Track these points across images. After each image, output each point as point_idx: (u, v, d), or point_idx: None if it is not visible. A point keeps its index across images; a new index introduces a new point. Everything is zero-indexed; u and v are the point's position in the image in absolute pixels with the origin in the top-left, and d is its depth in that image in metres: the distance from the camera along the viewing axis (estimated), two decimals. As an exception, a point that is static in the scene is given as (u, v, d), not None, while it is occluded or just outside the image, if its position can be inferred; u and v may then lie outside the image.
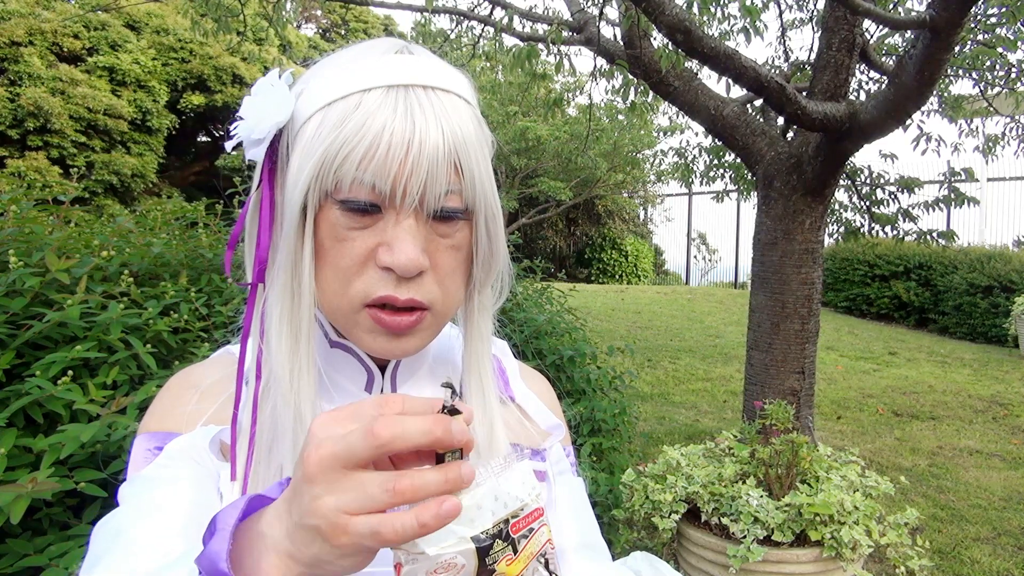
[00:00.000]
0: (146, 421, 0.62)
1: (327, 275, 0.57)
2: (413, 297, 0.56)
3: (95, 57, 11.89)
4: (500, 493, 0.45)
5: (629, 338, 7.58)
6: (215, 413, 0.61)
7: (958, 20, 2.45)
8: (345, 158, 0.53)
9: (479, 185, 0.58)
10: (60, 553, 1.24)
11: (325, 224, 0.56)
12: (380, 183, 0.54)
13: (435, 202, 0.55)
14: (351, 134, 0.54)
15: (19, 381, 1.42)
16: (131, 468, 0.59)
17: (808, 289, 3.47)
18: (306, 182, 0.55)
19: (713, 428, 4.68)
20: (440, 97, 0.56)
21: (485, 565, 0.44)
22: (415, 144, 0.54)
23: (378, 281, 0.56)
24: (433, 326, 0.60)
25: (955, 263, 8.95)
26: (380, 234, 0.56)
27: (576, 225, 16.27)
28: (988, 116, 4.93)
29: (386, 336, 0.58)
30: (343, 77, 0.57)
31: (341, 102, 0.55)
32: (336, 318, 0.59)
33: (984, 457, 4.47)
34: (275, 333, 0.58)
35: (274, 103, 0.58)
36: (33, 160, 10.71)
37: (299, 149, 0.56)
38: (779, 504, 2.32)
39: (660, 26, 2.78)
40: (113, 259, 1.82)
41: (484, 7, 4.53)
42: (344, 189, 0.54)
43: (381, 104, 0.54)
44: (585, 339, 2.90)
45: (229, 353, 0.68)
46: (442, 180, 0.55)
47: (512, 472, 0.46)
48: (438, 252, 0.58)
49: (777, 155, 3.50)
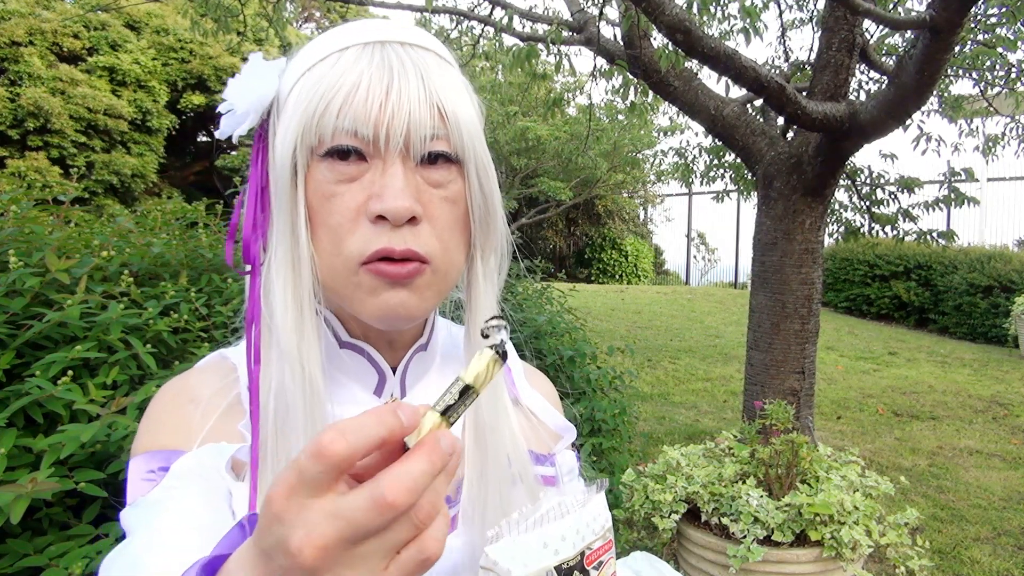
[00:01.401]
0: (143, 440, 0.58)
1: (321, 236, 0.56)
2: (410, 247, 0.54)
3: (95, 57, 11.89)
4: (580, 525, 0.45)
5: (629, 338, 7.58)
6: (217, 427, 0.58)
7: (958, 20, 2.45)
8: (325, 110, 0.53)
9: (466, 132, 0.57)
10: (60, 553, 1.24)
11: (313, 184, 0.55)
12: (361, 128, 0.53)
13: (421, 145, 0.54)
14: (328, 87, 0.54)
15: (19, 381, 1.42)
16: (131, 491, 0.55)
17: (808, 289, 3.47)
18: (291, 143, 0.54)
19: (713, 428, 4.68)
20: (418, 51, 0.57)
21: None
22: (394, 88, 0.53)
23: (372, 235, 0.54)
24: (434, 285, 0.57)
25: (955, 263, 8.95)
26: (368, 187, 0.54)
27: (576, 225, 16.28)
28: (988, 116, 4.93)
29: (388, 287, 0.55)
30: (320, 44, 0.57)
31: (319, 64, 0.56)
32: (335, 283, 0.56)
33: (984, 457, 4.47)
34: (279, 305, 0.56)
35: (256, 79, 0.58)
36: (33, 160, 10.71)
37: (284, 118, 0.56)
38: (779, 504, 2.32)
39: (660, 26, 2.78)
40: (113, 259, 1.82)
41: (484, 7, 4.54)
42: (327, 141, 0.54)
43: (357, 57, 0.55)
44: (585, 339, 2.90)
45: (222, 357, 0.65)
46: (426, 122, 0.54)
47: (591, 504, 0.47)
48: (432, 203, 0.56)
49: (777, 155, 3.50)
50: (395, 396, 0.63)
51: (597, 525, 0.46)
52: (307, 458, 0.34)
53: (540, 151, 12.07)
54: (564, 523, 0.45)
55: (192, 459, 0.55)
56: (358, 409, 0.59)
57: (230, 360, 0.64)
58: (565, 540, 0.44)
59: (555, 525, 0.44)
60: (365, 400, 0.63)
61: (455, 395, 0.38)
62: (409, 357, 0.65)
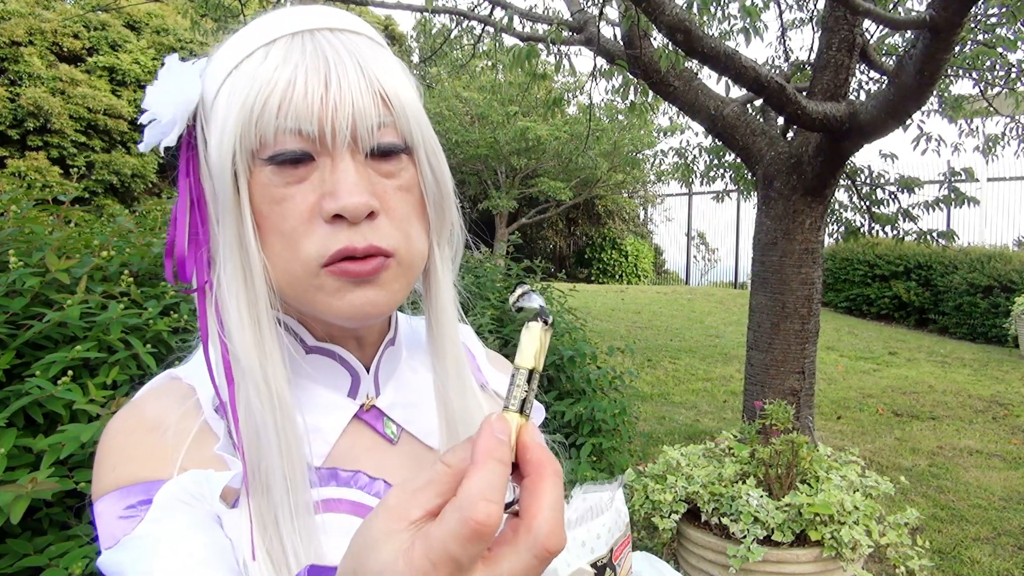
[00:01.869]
0: (109, 477, 0.52)
1: (274, 243, 0.52)
2: (372, 243, 0.51)
3: (95, 57, 11.89)
4: (610, 523, 0.46)
5: (629, 338, 7.58)
6: (192, 453, 0.53)
7: (958, 20, 2.45)
8: (263, 109, 0.50)
9: (412, 117, 0.54)
10: (60, 553, 1.24)
11: (258, 189, 0.52)
12: (305, 125, 0.50)
13: (369, 136, 0.52)
14: (263, 85, 0.50)
15: (19, 381, 1.42)
16: (108, 533, 0.50)
17: (808, 289, 3.47)
18: (230, 148, 0.51)
19: (713, 428, 4.68)
20: (349, 37, 0.54)
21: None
22: (333, 79, 0.50)
23: (330, 235, 0.51)
24: (400, 278, 0.55)
25: (955, 263, 8.95)
26: (319, 186, 0.51)
27: (576, 225, 16.28)
28: (988, 116, 4.92)
29: (353, 287, 0.52)
30: (243, 38, 0.54)
31: (246, 61, 0.52)
32: (295, 290, 0.53)
33: (984, 457, 4.47)
34: (235, 323, 0.52)
35: (178, 83, 0.54)
36: (33, 160, 10.71)
37: (216, 122, 0.52)
38: (779, 504, 2.32)
39: (660, 26, 2.78)
40: (113, 259, 1.82)
41: (484, 7, 4.54)
42: (269, 143, 0.50)
43: (288, 49, 0.51)
44: (585, 339, 2.90)
45: (173, 378, 0.59)
46: (371, 112, 0.51)
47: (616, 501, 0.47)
48: (387, 195, 0.53)
49: (777, 155, 3.50)
50: (370, 396, 0.61)
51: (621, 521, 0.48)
52: (462, 543, 0.31)
53: (540, 151, 12.07)
54: (598, 522, 0.46)
55: (175, 487, 0.51)
56: (334, 415, 0.58)
57: (184, 381, 0.58)
58: (600, 538, 0.45)
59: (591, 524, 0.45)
60: (339, 404, 0.59)
61: (524, 386, 0.36)
62: (380, 354, 0.63)
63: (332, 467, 0.57)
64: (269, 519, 0.51)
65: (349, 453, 0.59)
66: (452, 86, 11.42)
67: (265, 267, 0.53)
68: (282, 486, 0.51)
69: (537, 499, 0.33)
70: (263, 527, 0.51)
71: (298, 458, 0.52)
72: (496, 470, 0.33)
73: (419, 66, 5.16)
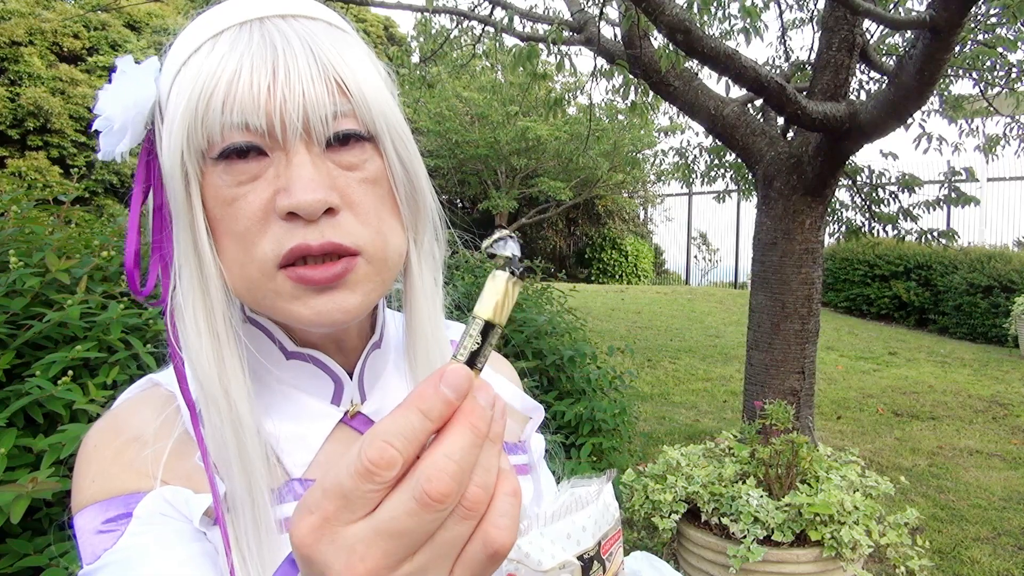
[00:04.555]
0: (87, 491, 0.50)
1: (228, 247, 0.49)
2: (330, 240, 0.48)
3: (95, 57, 11.89)
4: (597, 516, 0.46)
5: (629, 338, 7.58)
6: (172, 464, 0.51)
7: (958, 20, 2.45)
8: (207, 106, 0.47)
9: (375, 104, 0.50)
10: (60, 553, 1.24)
11: (210, 191, 0.49)
12: (252, 119, 0.46)
13: (323, 127, 0.48)
14: (207, 79, 0.47)
15: (19, 381, 1.42)
16: (88, 549, 0.48)
17: (808, 289, 3.47)
18: (178, 149, 0.48)
19: (713, 428, 4.68)
20: (303, 23, 0.50)
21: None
22: (280, 67, 0.47)
23: (285, 233, 0.47)
24: (373, 276, 0.51)
25: (955, 263, 8.95)
26: (273, 182, 0.48)
27: (576, 225, 16.28)
28: (988, 116, 4.93)
29: (314, 294, 0.49)
30: (192, 32, 0.51)
31: (194, 56, 0.49)
32: (254, 295, 0.50)
33: (984, 457, 4.47)
34: (192, 335, 0.49)
35: (131, 85, 0.50)
36: (33, 160, 10.71)
37: (166, 124, 0.49)
38: (779, 504, 2.32)
39: (660, 26, 2.78)
40: (113, 259, 1.82)
41: (484, 7, 4.54)
42: (217, 141, 0.47)
43: (234, 40, 0.48)
44: (585, 339, 2.90)
45: (153, 384, 0.57)
46: (324, 100, 0.48)
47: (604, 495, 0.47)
48: (350, 188, 0.49)
49: (777, 155, 3.50)
50: (355, 402, 0.59)
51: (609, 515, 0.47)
52: (353, 478, 0.30)
53: (540, 151, 12.08)
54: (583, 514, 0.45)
55: (157, 499, 0.49)
56: (317, 423, 0.56)
57: (163, 387, 0.56)
58: (585, 531, 0.44)
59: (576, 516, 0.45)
60: (323, 412, 0.57)
61: (477, 338, 0.33)
62: (364, 358, 0.59)
63: (314, 479, 0.55)
64: (240, 534, 0.49)
65: (336, 462, 0.56)
66: (452, 86, 11.42)
67: (221, 273, 0.50)
68: (247, 504, 0.49)
69: (435, 445, 0.31)
70: (237, 543, 0.49)
71: (260, 474, 0.50)
72: (411, 417, 0.30)
73: (419, 66, 5.14)
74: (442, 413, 0.31)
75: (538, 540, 0.43)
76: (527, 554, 0.43)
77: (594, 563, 0.44)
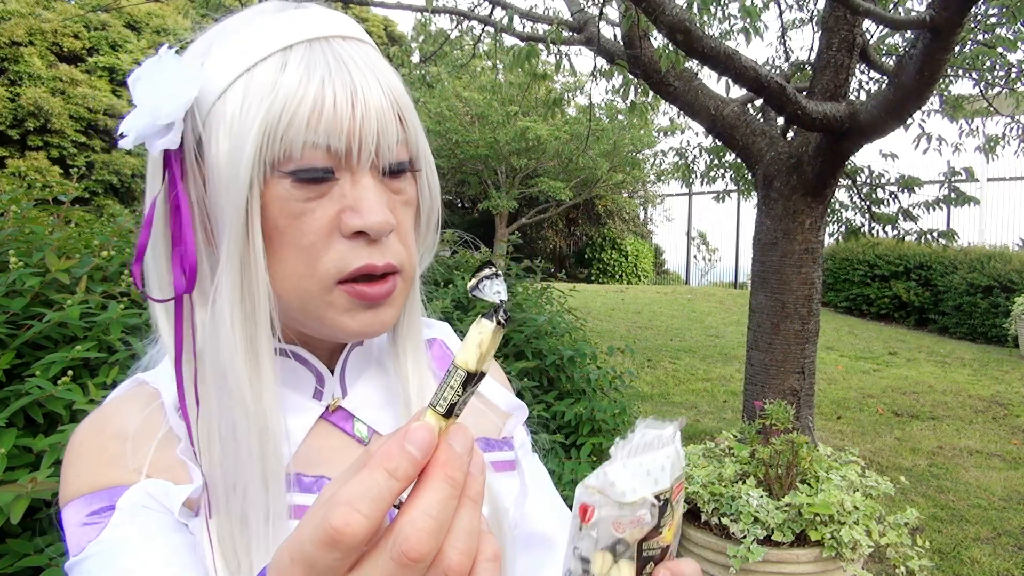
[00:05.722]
0: (73, 485, 0.51)
1: (287, 258, 0.51)
2: (389, 261, 0.52)
3: (95, 57, 11.89)
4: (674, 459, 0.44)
5: (629, 338, 7.58)
6: (155, 459, 0.52)
7: (958, 20, 2.45)
8: (290, 122, 0.48)
9: (418, 134, 0.55)
10: (60, 553, 1.24)
11: (275, 203, 0.50)
12: (334, 142, 0.49)
13: (389, 154, 0.52)
14: (290, 94, 0.48)
15: (19, 381, 1.42)
16: (74, 541, 0.49)
17: (808, 289, 3.47)
18: (250, 158, 0.48)
19: (713, 428, 4.68)
20: (360, 47, 0.53)
21: (658, 526, 0.42)
22: (359, 95, 0.50)
23: (350, 251, 0.51)
24: (404, 292, 0.56)
25: (955, 263, 8.95)
26: (339, 200, 0.50)
27: (576, 225, 16.28)
28: (988, 116, 4.92)
29: (365, 310, 0.52)
30: (252, 40, 0.51)
31: (261, 65, 0.49)
32: (306, 306, 0.52)
33: (984, 457, 4.47)
34: (227, 342, 0.50)
35: (177, 80, 0.50)
36: (33, 160, 10.72)
37: (225, 127, 0.49)
38: (779, 504, 2.32)
39: (660, 26, 2.78)
40: (113, 259, 1.82)
41: (484, 7, 4.54)
42: (296, 156, 0.49)
43: (308, 59, 0.50)
44: (585, 339, 2.90)
45: (139, 383, 0.58)
46: (391, 130, 0.51)
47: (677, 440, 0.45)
48: (396, 210, 0.54)
49: (777, 155, 3.50)
50: (336, 397, 0.60)
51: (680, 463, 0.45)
52: (317, 547, 0.29)
53: (540, 151, 12.07)
54: (663, 453, 0.43)
55: (139, 492, 0.50)
56: (299, 417, 0.57)
57: (150, 385, 0.57)
58: (664, 471, 0.43)
59: (656, 455, 0.43)
60: (304, 406, 0.58)
61: (458, 389, 0.33)
62: (346, 355, 0.61)
63: (296, 473, 0.56)
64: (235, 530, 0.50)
65: (317, 456, 0.57)
66: (452, 86, 11.42)
67: (267, 280, 0.51)
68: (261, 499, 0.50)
69: (411, 501, 0.31)
70: (222, 539, 0.50)
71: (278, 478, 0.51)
72: (377, 479, 0.30)
73: (419, 66, 5.15)
74: (408, 472, 0.30)
75: (622, 472, 0.42)
76: (612, 483, 0.41)
77: (668, 506, 0.42)
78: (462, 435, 0.33)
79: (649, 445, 0.43)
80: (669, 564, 0.43)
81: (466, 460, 0.32)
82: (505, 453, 0.68)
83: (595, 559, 0.42)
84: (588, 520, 0.42)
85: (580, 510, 0.42)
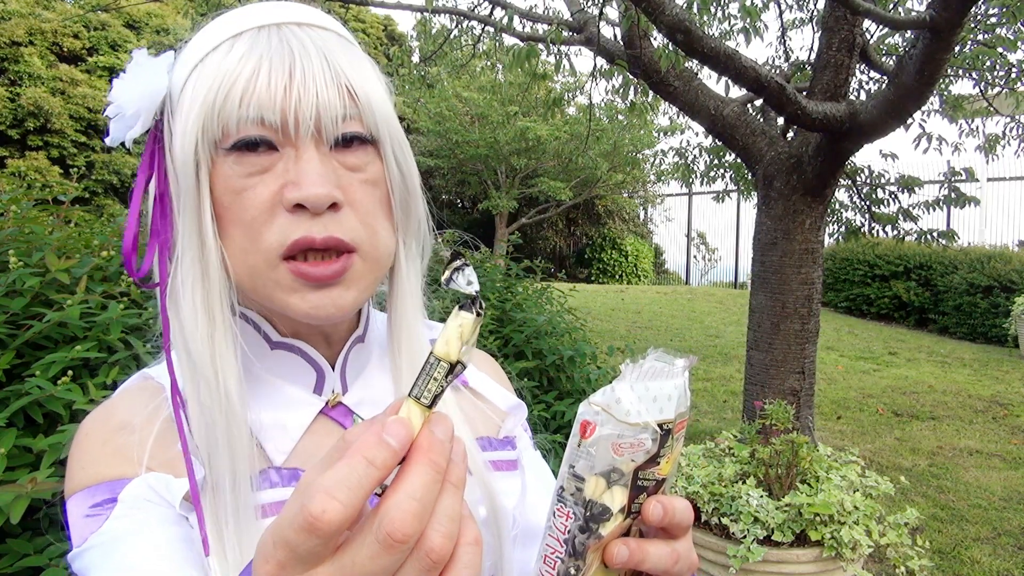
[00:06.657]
0: (78, 477, 0.52)
1: (234, 235, 0.52)
2: (332, 234, 0.51)
3: (95, 57, 11.89)
4: (680, 392, 0.44)
5: (629, 338, 7.58)
6: (156, 453, 0.53)
7: (958, 20, 2.45)
8: (226, 99, 0.50)
9: (379, 110, 0.54)
10: (60, 553, 1.24)
11: (220, 180, 0.51)
12: (268, 115, 0.50)
13: (333, 127, 0.51)
14: (226, 75, 0.50)
15: (19, 381, 1.42)
16: (77, 532, 0.50)
17: (808, 289, 3.47)
18: (192, 137, 0.50)
19: (713, 428, 4.68)
20: (317, 32, 0.54)
21: (657, 454, 0.42)
22: (297, 69, 0.50)
23: (290, 224, 0.50)
24: (366, 275, 0.54)
25: (955, 263, 8.95)
26: (282, 175, 0.51)
27: (576, 225, 16.28)
28: (988, 116, 4.92)
29: (313, 290, 0.52)
30: (211, 32, 0.54)
31: (212, 54, 0.52)
32: (255, 283, 0.52)
33: (984, 457, 4.47)
34: (188, 315, 0.51)
35: (144, 76, 0.53)
36: (33, 160, 10.72)
37: (180, 114, 0.52)
38: (779, 504, 2.32)
39: (660, 26, 2.78)
40: (113, 259, 1.82)
41: (484, 7, 4.54)
42: (232, 132, 0.50)
43: (253, 41, 0.51)
44: (585, 339, 2.90)
45: (145, 378, 0.59)
46: (335, 103, 0.51)
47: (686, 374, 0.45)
48: (352, 187, 0.53)
49: (777, 155, 3.50)
50: (336, 392, 0.60)
51: (686, 399, 0.45)
52: (296, 532, 0.30)
53: (540, 151, 12.08)
54: (670, 384, 0.43)
55: (141, 485, 0.51)
56: (299, 412, 0.57)
57: (155, 380, 0.58)
58: (671, 400, 0.43)
59: (664, 383, 0.43)
60: (304, 401, 0.59)
61: (442, 381, 0.34)
62: (347, 351, 0.61)
63: (294, 467, 0.56)
64: (221, 517, 0.50)
65: (316, 452, 0.57)
66: (452, 86, 11.42)
67: (223, 259, 0.52)
68: (229, 485, 0.50)
69: (395, 485, 0.31)
70: (215, 524, 0.50)
71: (244, 459, 0.51)
72: (356, 467, 0.30)
73: (419, 66, 5.15)
74: (386, 462, 0.31)
75: (628, 392, 0.42)
76: (619, 399, 0.41)
77: (669, 437, 0.42)
78: (444, 423, 0.33)
79: (659, 373, 0.43)
80: (660, 497, 0.44)
81: (448, 447, 0.33)
82: (506, 453, 0.67)
83: (589, 481, 0.42)
84: (588, 436, 0.42)
85: (581, 426, 0.42)
